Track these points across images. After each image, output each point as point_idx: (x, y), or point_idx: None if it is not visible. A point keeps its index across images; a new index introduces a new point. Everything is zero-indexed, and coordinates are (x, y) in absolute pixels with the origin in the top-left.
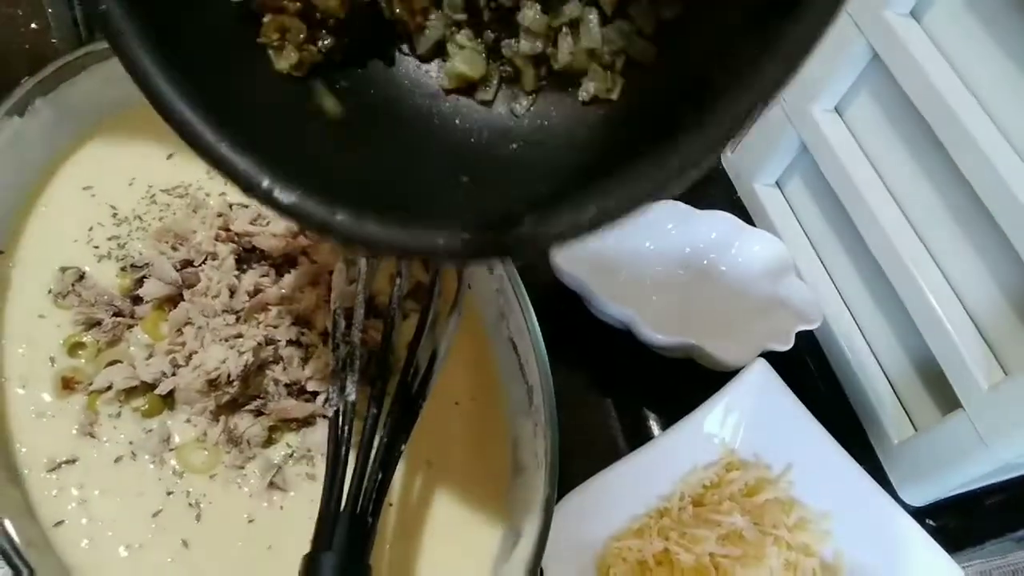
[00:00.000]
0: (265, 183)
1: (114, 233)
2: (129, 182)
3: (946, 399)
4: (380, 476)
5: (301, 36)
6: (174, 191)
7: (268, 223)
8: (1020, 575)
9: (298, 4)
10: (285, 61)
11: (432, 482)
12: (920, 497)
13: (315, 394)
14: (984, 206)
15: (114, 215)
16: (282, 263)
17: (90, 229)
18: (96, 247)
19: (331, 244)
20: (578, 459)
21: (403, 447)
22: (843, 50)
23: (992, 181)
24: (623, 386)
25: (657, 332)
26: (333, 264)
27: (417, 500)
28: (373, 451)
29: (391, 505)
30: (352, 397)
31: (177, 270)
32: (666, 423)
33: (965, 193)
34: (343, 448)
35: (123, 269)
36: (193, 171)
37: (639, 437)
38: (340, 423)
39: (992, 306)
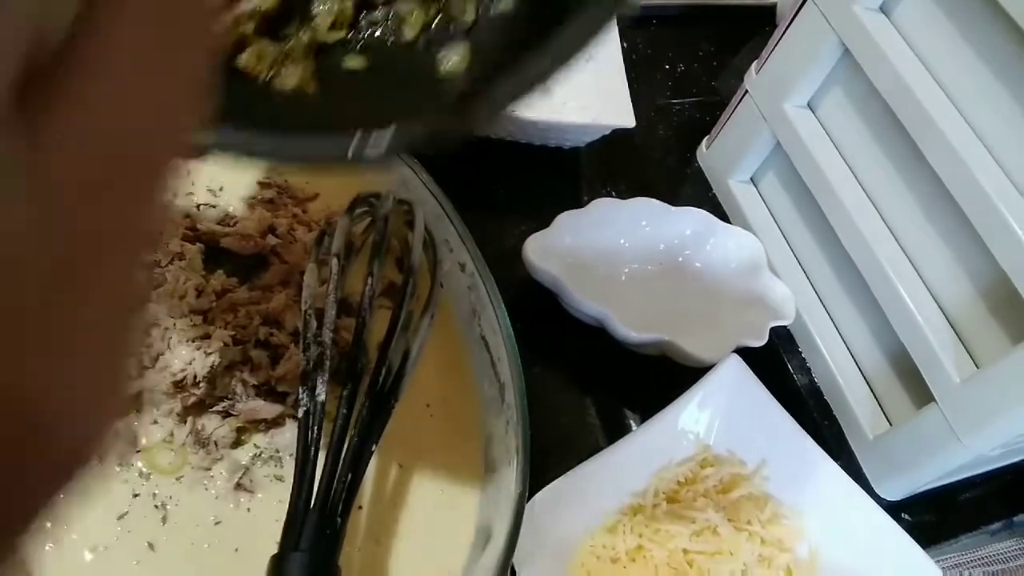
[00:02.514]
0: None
1: None
2: None
3: (920, 393)
4: (350, 477)
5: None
6: None
7: (236, 223)
8: (994, 568)
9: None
10: (292, 78)
11: (402, 484)
12: (895, 492)
13: (284, 395)
14: (954, 200)
15: None
16: (251, 263)
17: None
18: None
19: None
20: (552, 458)
21: (374, 447)
22: (814, 46)
23: (961, 174)
24: (597, 383)
25: (631, 329)
26: (304, 264)
27: (387, 502)
28: (343, 452)
29: (360, 508)
30: (322, 397)
31: None
32: (641, 420)
33: (935, 187)
34: (312, 449)
35: None
36: None
37: (614, 434)
38: (310, 424)
39: (963, 300)
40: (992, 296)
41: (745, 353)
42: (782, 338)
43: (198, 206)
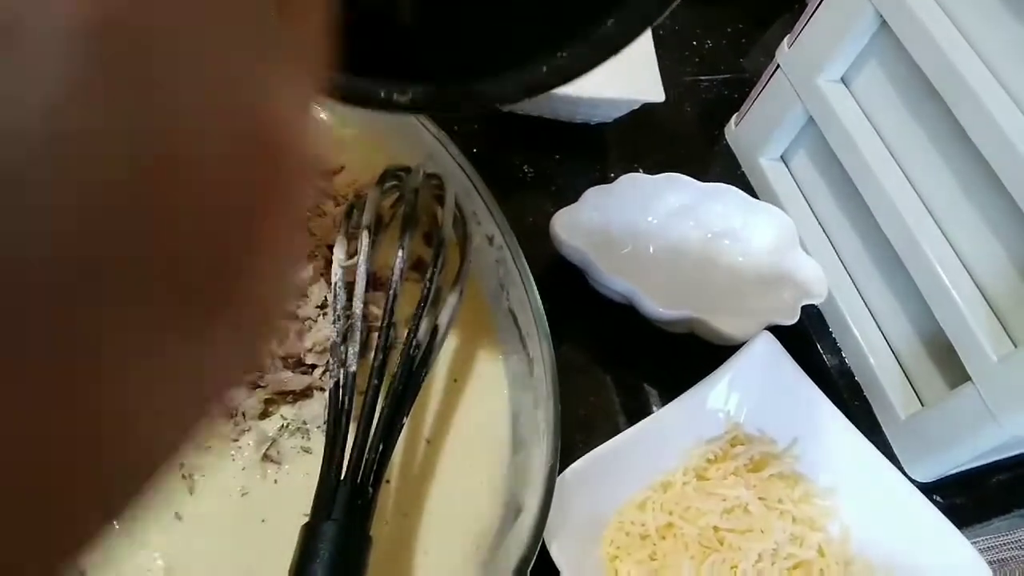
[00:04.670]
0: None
1: None
2: None
3: (954, 373)
4: (381, 447)
5: None
6: None
7: None
8: None
9: None
10: None
11: (430, 459)
12: (927, 473)
13: (312, 367)
14: (995, 174)
15: None
16: None
17: None
18: None
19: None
20: (579, 435)
21: (405, 419)
22: (850, 18)
23: (1002, 147)
24: (624, 361)
25: (660, 306)
26: (332, 238)
27: (415, 476)
28: (374, 422)
29: (388, 482)
30: (353, 368)
31: None
32: (668, 398)
33: (975, 161)
34: (344, 419)
35: None
36: None
37: (641, 413)
38: (341, 394)
39: (1001, 276)
40: None
41: (775, 332)
42: (812, 318)
43: None
